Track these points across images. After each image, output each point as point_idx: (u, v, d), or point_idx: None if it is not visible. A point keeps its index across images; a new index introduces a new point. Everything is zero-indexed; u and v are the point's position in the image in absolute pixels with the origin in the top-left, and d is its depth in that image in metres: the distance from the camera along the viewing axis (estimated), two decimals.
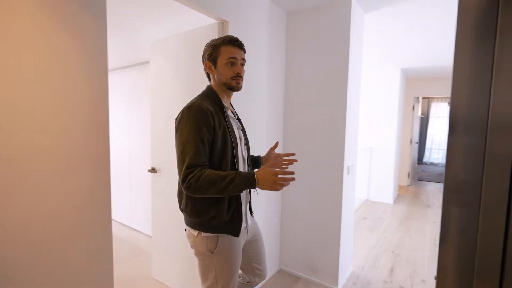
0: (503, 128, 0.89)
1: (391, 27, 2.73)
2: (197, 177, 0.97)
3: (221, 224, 1.09)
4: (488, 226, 0.95)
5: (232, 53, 1.08)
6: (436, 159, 8.82)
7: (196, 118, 1.01)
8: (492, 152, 0.92)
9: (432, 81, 5.85)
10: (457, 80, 1.00)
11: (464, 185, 1.01)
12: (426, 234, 3.37)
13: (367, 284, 2.25)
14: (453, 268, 1.04)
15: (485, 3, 0.95)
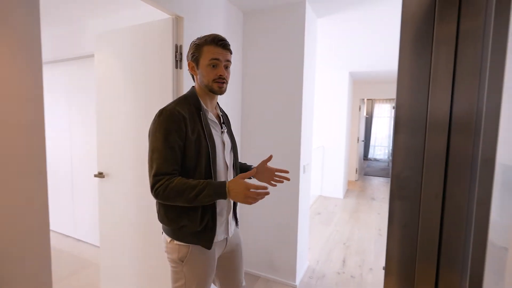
0: (438, 128, 1.01)
1: (341, 32, 2.90)
2: (165, 186, 0.93)
3: (193, 234, 1.03)
4: (427, 218, 1.06)
5: (215, 53, 1.01)
6: (379, 155, 9.69)
7: (166, 123, 0.96)
8: (430, 150, 1.03)
9: (376, 84, 6.39)
10: (401, 84, 1.10)
11: (407, 181, 1.11)
12: (372, 225, 3.67)
13: (322, 277, 2.36)
14: (398, 258, 1.14)
15: (423, 16, 1.05)
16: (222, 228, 1.11)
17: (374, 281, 2.33)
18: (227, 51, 1.04)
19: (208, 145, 1.02)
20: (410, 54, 1.09)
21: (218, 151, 1.07)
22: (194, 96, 1.07)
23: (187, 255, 1.04)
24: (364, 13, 2.32)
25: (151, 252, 1.72)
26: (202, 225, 1.02)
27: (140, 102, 1.68)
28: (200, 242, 1.04)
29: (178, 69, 1.57)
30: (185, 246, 1.04)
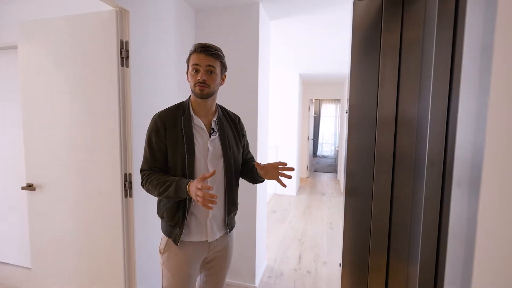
0: (386, 126, 1.09)
1: (292, 35, 2.98)
2: (145, 180, 1.10)
3: (168, 227, 1.14)
4: (378, 214, 1.13)
5: (195, 60, 1.08)
6: (327, 152, 10.33)
7: (150, 126, 1.12)
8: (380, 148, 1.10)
9: (323, 85, 6.77)
10: (353, 87, 1.15)
11: (360, 179, 1.18)
12: (323, 219, 3.88)
13: (280, 275, 2.40)
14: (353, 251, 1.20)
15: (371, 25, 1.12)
16: (199, 230, 1.14)
17: (328, 274, 2.45)
18: (209, 57, 1.08)
19: (185, 148, 1.08)
20: (361, 59, 1.15)
21: (198, 156, 1.11)
22: (185, 103, 1.17)
23: (164, 247, 1.15)
24: (313, 18, 2.41)
25: (94, 271, 1.54)
26: (174, 221, 1.11)
27: (80, 105, 1.49)
28: (171, 236, 1.13)
29: (125, 68, 1.43)
30: (164, 238, 1.15)
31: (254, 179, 1.25)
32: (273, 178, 1.17)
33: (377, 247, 1.14)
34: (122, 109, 1.42)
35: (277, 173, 1.16)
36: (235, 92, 2.10)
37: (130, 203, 1.48)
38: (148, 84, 1.61)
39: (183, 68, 1.99)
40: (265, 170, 1.17)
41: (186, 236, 1.12)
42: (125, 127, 1.44)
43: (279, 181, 1.16)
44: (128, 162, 1.47)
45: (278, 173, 1.16)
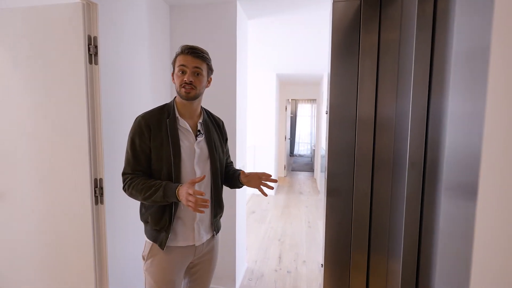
0: (366, 126, 1.10)
1: (270, 35, 2.97)
2: (128, 184, 1.06)
3: (153, 231, 1.10)
4: (358, 211, 1.15)
5: (182, 61, 1.07)
6: (303, 151, 10.51)
7: (133, 128, 1.08)
8: (359, 147, 1.12)
9: (299, 85, 6.86)
10: (333, 87, 1.16)
11: (341, 179, 1.19)
12: (301, 218, 3.92)
13: (261, 277, 2.39)
14: (335, 249, 1.21)
15: (351, 25, 1.13)
16: (186, 235, 1.12)
17: (307, 273, 2.47)
18: (196, 59, 1.08)
19: (171, 151, 1.06)
20: (340, 60, 1.15)
21: (185, 159, 1.09)
22: (170, 105, 1.14)
23: (148, 252, 1.11)
24: (291, 18, 2.42)
25: (62, 286, 1.42)
26: (160, 225, 1.08)
27: (42, 106, 1.36)
28: (157, 240, 1.09)
29: (93, 65, 1.33)
30: (148, 243, 1.12)
31: (233, 185, 1.28)
32: (254, 186, 1.20)
33: (358, 245, 1.15)
34: (91, 110, 1.32)
35: (260, 183, 1.19)
36: (213, 92, 2.05)
37: (101, 210, 1.38)
38: (119, 83, 1.51)
39: (157, 67, 1.90)
40: (248, 178, 1.20)
41: (172, 241, 1.10)
42: (94, 129, 1.34)
43: (260, 190, 1.20)
44: (99, 166, 1.37)
45: (260, 182, 1.19)
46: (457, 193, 0.56)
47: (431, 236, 0.72)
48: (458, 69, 0.56)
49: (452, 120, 0.57)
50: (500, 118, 0.39)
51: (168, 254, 1.10)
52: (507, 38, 0.38)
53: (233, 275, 2.15)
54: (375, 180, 1.10)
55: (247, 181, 1.20)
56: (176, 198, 0.99)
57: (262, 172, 1.19)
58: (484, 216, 0.42)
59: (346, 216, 1.18)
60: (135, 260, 1.66)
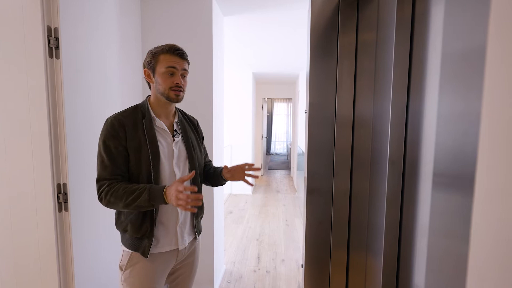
0: (344, 125, 1.10)
1: (246, 33, 2.93)
2: (106, 192, 0.97)
3: (133, 240, 1.04)
4: (338, 210, 1.15)
5: (171, 62, 1.03)
6: (279, 149, 10.61)
7: (106, 130, 1.00)
8: (339, 146, 1.12)
9: (275, 84, 6.89)
10: (312, 86, 1.15)
11: (321, 178, 1.19)
12: (279, 217, 3.94)
13: (240, 278, 2.35)
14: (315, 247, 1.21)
15: (329, 24, 1.12)
16: (169, 239, 1.08)
17: (286, 271, 2.48)
18: (184, 61, 1.07)
19: (149, 152, 1.01)
20: (319, 59, 1.14)
21: (163, 159, 1.05)
22: (144, 105, 1.09)
23: (127, 262, 1.05)
24: (267, 16, 2.39)
25: None
26: (141, 232, 1.02)
27: None
28: (139, 249, 1.03)
29: (54, 59, 1.21)
30: (127, 252, 1.06)
31: (216, 183, 1.25)
32: (239, 179, 1.20)
33: (338, 243, 1.16)
34: (52, 108, 1.21)
35: (244, 174, 1.19)
36: (188, 90, 1.98)
37: (65, 218, 1.27)
38: (85, 79, 1.40)
39: (128, 63, 1.79)
40: (231, 173, 1.19)
41: (154, 247, 1.05)
42: (56, 130, 1.23)
43: (246, 181, 1.19)
44: (62, 170, 1.26)
45: (244, 174, 1.19)
46: (444, 190, 0.56)
47: (411, 233, 0.73)
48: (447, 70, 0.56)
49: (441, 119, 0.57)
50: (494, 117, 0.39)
51: (150, 261, 1.05)
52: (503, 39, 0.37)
53: (211, 278, 2.09)
54: (354, 178, 1.11)
55: (230, 176, 1.19)
56: (164, 200, 0.93)
57: (244, 163, 1.20)
58: (474, 213, 0.42)
59: (326, 215, 1.18)
60: (109, 271, 1.55)
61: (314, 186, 1.18)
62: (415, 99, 0.71)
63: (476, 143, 0.41)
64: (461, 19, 0.50)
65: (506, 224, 0.37)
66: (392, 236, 0.79)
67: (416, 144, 0.70)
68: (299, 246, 2.98)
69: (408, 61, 0.73)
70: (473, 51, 0.44)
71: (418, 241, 0.70)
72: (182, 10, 1.93)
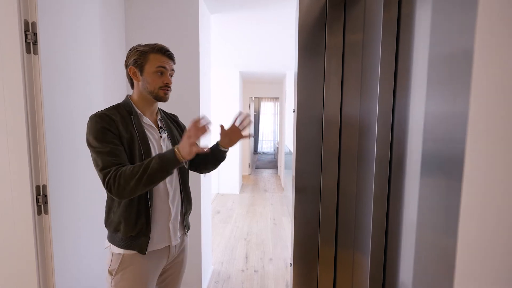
0: (331, 124, 1.11)
1: (233, 31, 2.91)
2: (114, 176, 0.92)
3: (127, 239, 1.01)
4: (326, 208, 1.16)
5: (162, 62, 1.04)
6: (266, 149, 10.63)
7: (98, 124, 0.95)
8: (326, 145, 1.13)
9: (262, 83, 6.90)
10: (300, 86, 1.15)
11: (309, 176, 1.19)
12: (267, 216, 3.94)
13: (228, 278, 2.34)
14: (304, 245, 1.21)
15: (317, 24, 1.13)
16: (162, 236, 1.07)
17: (274, 270, 2.48)
18: (172, 61, 1.09)
19: (141, 148, 1.00)
20: (306, 59, 1.14)
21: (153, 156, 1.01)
22: (127, 103, 1.07)
23: (118, 266, 1.01)
24: (254, 15, 2.39)
25: None
26: (136, 230, 1.00)
27: None
28: (135, 247, 1.01)
29: (32, 55, 1.16)
30: (117, 255, 1.02)
31: (217, 160, 1.23)
32: (238, 138, 1.19)
33: (326, 241, 1.17)
34: (30, 105, 1.15)
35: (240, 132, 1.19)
36: (175, 89, 1.94)
37: (45, 221, 1.22)
38: (66, 76, 1.34)
39: (110, 60, 1.74)
40: (229, 136, 1.18)
41: (149, 244, 1.04)
42: (35, 129, 1.17)
43: (246, 136, 1.19)
44: (42, 171, 1.20)
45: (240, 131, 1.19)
46: (431, 187, 0.57)
47: (398, 230, 0.74)
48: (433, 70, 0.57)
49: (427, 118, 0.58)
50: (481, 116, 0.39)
51: (145, 261, 1.03)
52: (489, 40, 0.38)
53: (199, 279, 2.07)
54: (341, 176, 1.12)
55: (229, 140, 1.18)
56: (176, 159, 0.91)
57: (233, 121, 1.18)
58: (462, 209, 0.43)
59: (314, 213, 1.18)
60: (93, 278, 1.50)
61: (302, 185, 1.18)
62: (401, 99, 0.72)
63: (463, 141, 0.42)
64: (447, 20, 0.51)
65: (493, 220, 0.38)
66: (379, 233, 0.80)
67: (402, 142, 0.71)
68: (287, 244, 3.00)
69: (394, 62, 0.74)
70: (459, 52, 0.45)
71: (404, 237, 0.71)
72: (168, 6, 1.89)
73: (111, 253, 1.03)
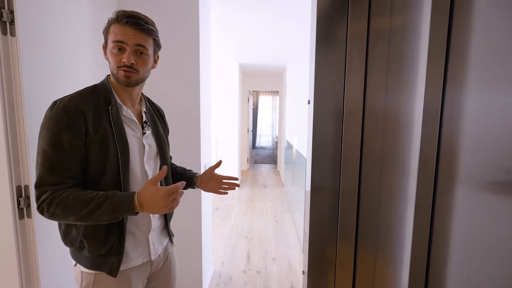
0: (353, 118, 0.99)
1: (233, 21, 2.75)
2: (50, 201, 0.75)
3: (95, 258, 0.85)
4: (345, 211, 1.04)
5: (120, 35, 0.81)
6: (265, 143, 10.51)
7: (58, 119, 0.77)
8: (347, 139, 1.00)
9: (261, 76, 6.73)
10: (318, 74, 1.02)
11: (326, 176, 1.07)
12: (267, 212, 3.84)
13: (229, 280, 2.23)
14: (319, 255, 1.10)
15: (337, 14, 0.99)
16: (139, 251, 0.92)
17: (278, 271, 2.38)
18: (139, 32, 0.83)
19: (118, 148, 0.83)
20: (326, 46, 1.01)
21: (133, 157, 0.88)
22: (105, 87, 0.87)
23: (91, 285, 0.86)
24: (256, 5, 2.23)
25: None
26: (107, 247, 0.84)
27: None
28: (105, 268, 0.85)
29: (8, 36, 1.00)
30: (87, 274, 0.86)
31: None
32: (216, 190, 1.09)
33: (345, 246, 1.06)
34: (7, 96, 1.00)
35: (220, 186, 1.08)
36: (173, 79, 1.79)
37: (29, 226, 1.08)
38: (49, 62, 1.19)
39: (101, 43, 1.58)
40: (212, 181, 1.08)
41: (124, 263, 0.88)
42: (14, 122, 1.03)
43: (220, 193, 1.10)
44: (23, 170, 1.06)
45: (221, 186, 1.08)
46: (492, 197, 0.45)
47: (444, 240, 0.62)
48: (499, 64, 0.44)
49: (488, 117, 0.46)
50: None
51: (120, 281, 0.87)
52: None
53: (199, 281, 1.95)
54: (363, 176, 1.00)
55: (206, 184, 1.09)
56: (132, 210, 0.77)
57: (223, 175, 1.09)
58: None
59: (331, 216, 1.07)
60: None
61: (319, 184, 1.06)
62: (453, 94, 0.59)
63: None
64: None
65: None
66: (421, 243, 0.68)
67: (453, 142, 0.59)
68: (289, 243, 2.89)
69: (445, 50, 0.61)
70: None
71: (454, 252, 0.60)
72: None
73: (80, 271, 0.87)
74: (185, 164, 1.71)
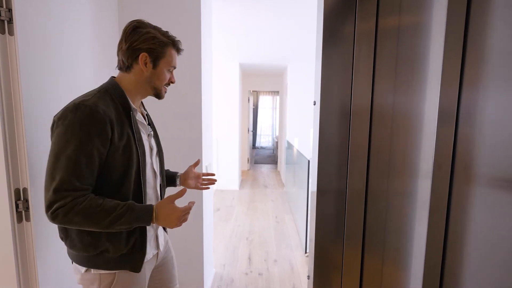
0: (360, 119, 0.97)
1: (233, 21, 2.73)
2: (69, 208, 0.74)
3: (117, 258, 0.87)
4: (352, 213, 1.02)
5: (175, 61, 0.96)
6: (265, 143, 10.49)
7: (86, 123, 0.76)
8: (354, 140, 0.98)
9: (262, 77, 6.71)
10: (324, 74, 1.00)
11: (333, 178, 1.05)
12: (268, 213, 3.81)
13: (231, 282, 2.20)
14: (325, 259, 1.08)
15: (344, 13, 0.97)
16: (152, 244, 0.98)
17: (280, 272, 2.36)
18: None
19: (139, 151, 0.87)
20: (332, 45, 0.99)
21: (147, 158, 0.94)
22: (119, 91, 0.88)
23: (112, 284, 0.87)
24: (257, 4, 2.20)
25: None
26: (129, 246, 0.87)
27: None
28: (127, 266, 0.89)
29: (7, 35, 0.98)
30: (106, 276, 0.87)
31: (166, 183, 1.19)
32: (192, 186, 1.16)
33: (352, 250, 1.04)
34: (5, 96, 0.98)
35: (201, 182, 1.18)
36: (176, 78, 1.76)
37: (27, 230, 1.05)
38: (48, 61, 1.16)
39: (101, 44, 1.55)
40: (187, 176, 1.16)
41: None
42: (12, 123, 1.00)
43: (201, 188, 1.19)
44: (22, 172, 1.03)
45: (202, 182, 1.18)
46: None
47: (460, 245, 0.60)
48: None
49: None
50: None
51: (139, 275, 0.93)
52: None
53: (200, 284, 1.92)
54: (371, 178, 0.97)
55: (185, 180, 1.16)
56: (150, 222, 0.84)
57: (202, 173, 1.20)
58: None
59: (337, 219, 1.05)
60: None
61: (325, 186, 1.04)
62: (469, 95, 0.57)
63: None
64: None
65: None
66: (435, 248, 0.66)
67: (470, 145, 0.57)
68: (291, 244, 2.87)
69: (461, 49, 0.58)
70: None
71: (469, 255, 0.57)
72: None
73: (98, 274, 0.87)
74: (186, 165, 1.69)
